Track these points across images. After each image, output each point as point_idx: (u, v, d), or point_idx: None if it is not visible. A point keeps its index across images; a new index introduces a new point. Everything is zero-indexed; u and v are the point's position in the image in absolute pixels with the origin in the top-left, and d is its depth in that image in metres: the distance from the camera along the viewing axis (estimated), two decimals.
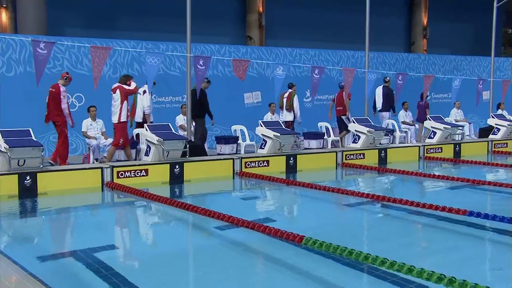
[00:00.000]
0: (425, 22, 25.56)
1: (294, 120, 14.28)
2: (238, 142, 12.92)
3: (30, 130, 9.58)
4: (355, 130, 12.86)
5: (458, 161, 12.94)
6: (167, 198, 8.39)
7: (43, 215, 8.31)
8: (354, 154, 12.27)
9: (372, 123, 13.46)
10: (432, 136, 14.02)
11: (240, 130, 13.41)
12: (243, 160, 10.83)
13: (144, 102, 12.07)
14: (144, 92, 12.07)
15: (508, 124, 15.10)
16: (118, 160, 11.24)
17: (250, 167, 10.88)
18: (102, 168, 9.50)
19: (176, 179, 10.10)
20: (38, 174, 8.94)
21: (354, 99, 14.81)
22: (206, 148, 12.33)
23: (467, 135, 17.01)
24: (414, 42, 25.67)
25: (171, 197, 9.23)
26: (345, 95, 14.28)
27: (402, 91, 15.76)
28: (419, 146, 13.36)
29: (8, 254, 5.47)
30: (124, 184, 9.32)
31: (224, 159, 10.87)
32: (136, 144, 11.50)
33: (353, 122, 13.02)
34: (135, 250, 6.32)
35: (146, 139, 10.27)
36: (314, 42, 21.38)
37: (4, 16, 17.62)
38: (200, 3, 12.85)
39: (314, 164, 11.78)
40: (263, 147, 11.58)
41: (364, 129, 12.71)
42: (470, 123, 17.79)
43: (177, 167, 10.10)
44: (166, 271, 5.39)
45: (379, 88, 15.47)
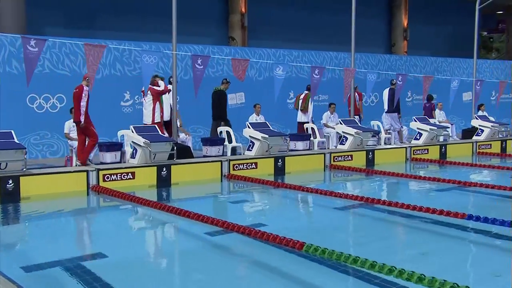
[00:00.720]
0: (405, 24, 25.65)
1: (308, 122, 14.56)
2: (225, 143, 12.70)
3: (12, 132, 9.27)
4: (342, 132, 12.76)
5: (445, 162, 12.92)
6: (155, 202, 8.16)
7: (26, 221, 7.97)
8: (342, 156, 12.16)
9: (359, 124, 13.38)
10: (418, 137, 13.98)
11: (226, 131, 13.19)
12: (231, 163, 10.64)
13: (171, 100, 12.05)
14: (169, 91, 12.13)
15: (491, 126, 15.15)
16: (102, 163, 10.95)
17: (238, 170, 10.68)
18: (87, 171, 9.23)
19: (163, 182, 9.86)
20: (21, 177, 8.63)
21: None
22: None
23: (451, 136, 17.03)
24: (395, 43, 25.75)
25: (158, 200, 9.01)
26: (357, 96, 14.69)
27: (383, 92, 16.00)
28: (405, 148, 13.31)
29: None
30: (110, 187, 9.06)
31: (212, 161, 10.66)
32: (120, 146, 11.23)
33: (340, 124, 12.91)
34: (124, 259, 6.00)
35: (132, 141, 10.01)
36: (296, 43, 21.27)
37: None
38: (182, 3, 12.63)
39: (302, 166, 11.64)
40: (250, 149, 11.40)
41: (351, 130, 12.61)
42: (452, 124, 17.84)
43: (164, 169, 9.86)
44: (157, 281, 5.19)
45: (386, 90, 15.64)
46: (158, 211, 7.83)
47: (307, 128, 14.53)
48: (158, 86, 11.26)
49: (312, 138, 14.13)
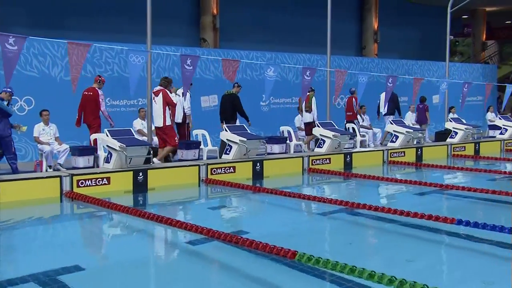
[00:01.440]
0: (375, 27, 25.73)
1: (313, 121, 14.55)
2: (200, 147, 12.41)
3: None
4: (320, 135, 12.59)
5: (422, 165, 12.87)
6: (132, 208, 7.84)
7: None
8: (320, 159, 11.99)
9: (337, 127, 13.25)
10: (394, 140, 13.93)
11: (202, 134, 12.91)
12: (209, 167, 10.36)
13: (185, 104, 12.28)
14: (182, 94, 12.20)
15: (465, 128, 15.21)
16: (74, 167, 10.55)
17: (216, 174, 10.41)
18: (60, 177, 8.83)
19: (140, 187, 9.52)
20: None
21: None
22: None
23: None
24: (365, 46, 25.80)
25: (135, 206, 8.68)
26: (354, 101, 14.83)
27: (366, 95, 15.85)
28: (383, 151, 13.23)
29: None
30: (85, 193, 8.68)
31: (189, 165, 10.36)
32: (94, 150, 10.84)
33: (317, 127, 12.75)
34: (102, 270, 5.67)
35: (107, 145, 9.65)
36: (268, 45, 21.08)
37: None
38: (153, 4, 12.31)
39: (281, 169, 11.43)
40: (228, 152, 11.14)
41: (329, 133, 12.46)
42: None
43: (140, 174, 9.53)
44: None
45: (383, 94, 15.77)
46: (136, 217, 7.51)
47: (283, 131, 14.36)
48: (171, 93, 11.44)
49: (288, 141, 13.95)
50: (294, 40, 22.53)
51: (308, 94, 14.67)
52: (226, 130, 11.28)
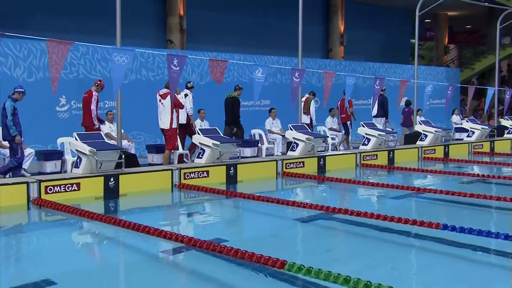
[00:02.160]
0: (342, 30, 25.76)
1: (312, 123, 15.19)
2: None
3: None
4: (293, 138, 12.41)
5: (394, 168, 12.82)
6: (104, 215, 7.50)
7: None
8: (294, 163, 11.81)
9: (310, 130, 13.09)
10: (366, 143, 13.86)
11: None
12: (182, 171, 10.04)
13: (187, 104, 12.36)
14: (186, 95, 12.46)
15: (435, 131, 15.27)
16: (40, 173, 10.11)
17: (189, 179, 10.11)
18: (27, 183, 8.39)
19: (111, 193, 9.13)
20: None
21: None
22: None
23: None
24: (332, 48, 25.80)
25: (106, 213, 8.33)
26: (347, 103, 15.35)
27: (333, 98, 15.85)
28: (356, 154, 13.13)
29: None
30: (54, 200, 8.27)
31: (162, 170, 10.02)
32: (61, 155, 10.42)
33: (290, 130, 12.57)
34: (75, 284, 5.30)
35: (76, 149, 9.25)
36: (236, 47, 20.87)
37: None
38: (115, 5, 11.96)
39: (254, 173, 11.20)
40: (200, 156, 10.84)
41: (302, 136, 12.29)
42: (393, 129, 17.94)
43: (111, 180, 9.15)
44: None
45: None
46: (108, 225, 7.17)
47: (254, 134, 14.14)
48: (178, 95, 11.64)
49: (260, 145, 13.75)
50: (262, 42, 22.35)
51: (307, 96, 15.37)
52: (199, 133, 10.98)
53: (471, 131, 16.83)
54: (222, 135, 11.45)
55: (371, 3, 27.29)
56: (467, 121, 17.42)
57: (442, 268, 5.76)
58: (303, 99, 15.14)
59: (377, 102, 15.62)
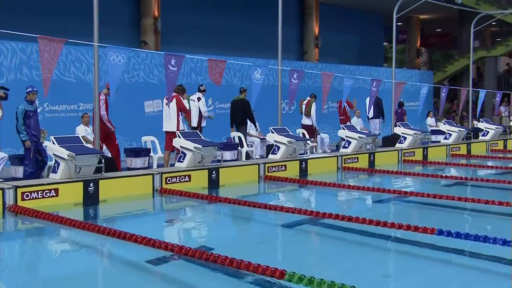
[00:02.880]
0: (316, 32, 25.70)
1: (313, 125, 15.45)
2: (150, 154, 11.76)
3: None
4: (274, 141, 12.20)
5: (376, 171, 12.72)
6: (84, 222, 7.16)
7: None
8: (276, 166, 11.60)
9: (291, 133, 12.90)
10: (347, 145, 13.74)
11: (151, 141, 12.27)
12: (163, 176, 9.74)
13: (201, 107, 12.80)
14: (198, 99, 12.85)
15: (414, 133, 15.24)
16: (15, 178, 9.69)
17: (171, 183, 9.80)
18: (3, 189, 7.99)
19: (91, 199, 8.78)
20: None
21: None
22: None
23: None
24: (307, 51, 25.72)
25: (86, 220, 7.99)
26: (346, 105, 15.89)
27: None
28: (337, 157, 12.99)
29: None
30: (31, 207, 7.89)
31: (143, 174, 9.70)
32: None
33: (271, 132, 12.36)
34: None
35: (54, 154, 8.86)
36: (211, 49, 20.60)
37: None
38: (91, 5, 11.58)
39: (237, 177, 10.95)
40: (181, 160, 10.54)
41: (284, 139, 12.09)
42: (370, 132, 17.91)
43: (91, 185, 8.80)
44: None
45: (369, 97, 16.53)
46: (89, 232, 6.85)
47: (234, 137, 13.89)
48: (185, 100, 11.80)
49: (239, 148, 13.51)
50: (237, 44, 22.12)
51: (308, 99, 15.58)
52: (179, 137, 10.69)
53: (448, 133, 16.87)
54: (203, 138, 11.18)
55: (345, 5, 27.32)
56: (444, 123, 17.48)
57: (435, 274, 5.63)
58: (305, 101, 15.57)
59: (373, 104, 16.01)
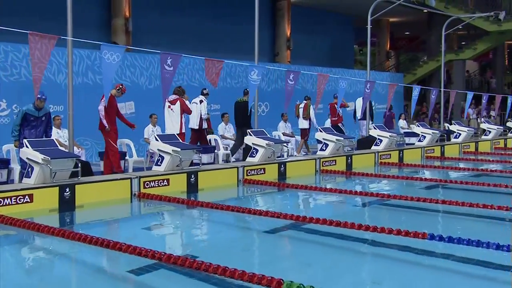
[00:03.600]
0: (288, 34, 25.63)
1: (310, 128, 15.99)
2: (126, 158, 11.44)
3: None
4: (252, 144, 12.00)
5: (355, 174, 12.63)
6: (60, 229, 6.83)
7: None
8: (254, 170, 11.40)
9: (269, 136, 12.72)
10: (324, 148, 13.63)
11: (127, 144, 11.94)
12: (142, 180, 9.44)
13: (202, 110, 13.10)
14: (201, 101, 13.16)
15: (390, 136, 15.24)
16: None
17: (149, 187, 9.52)
18: None
19: (67, 204, 8.42)
20: None
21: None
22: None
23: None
24: (278, 53, 25.63)
25: (62, 226, 7.67)
26: (337, 106, 16.27)
27: (281, 102, 15.91)
28: (315, 160, 12.86)
29: None
30: (4, 214, 7.52)
31: (120, 179, 9.37)
32: (7, 163, 9.61)
33: (249, 135, 12.15)
34: None
35: (27, 158, 8.49)
36: (183, 50, 20.23)
37: None
38: (60, 4, 11.23)
39: (215, 181, 10.71)
40: (159, 163, 10.26)
41: (262, 142, 11.91)
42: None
43: (67, 190, 8.45)
44: None
45: (359, 99, 17.16)
46: (66, 240, 6.54)
47: (210, 140, 13.66)
48: (187, 101, 12.01)
49: (216, 151, 13.29)
50: (210, 45, 21.86)
51: (305, 102, 16.00)
52: (156, 140, 10.40)
53: (423, 135, 16.94)
54: (180, 141, 10.92)
55: (316, 8, 27.32)
56: (418, 125, 17.55)
57: (429, 282, 5.52)
58: (302, 105, 16.04)
59: (361, 105, 16.34)
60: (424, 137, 16.89)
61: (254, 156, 11.94)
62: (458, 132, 18.77)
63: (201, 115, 13.11)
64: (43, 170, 8.37)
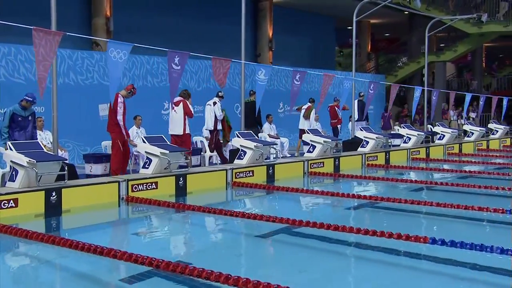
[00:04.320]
0: (270, 35, 25.47)
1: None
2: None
3: None
4: (240, 145, 11.81)
5: (343, 175, 12.51)
6: (47, 235, 6.58)
7: None
8: (243, 172, 11.20)
9: (257, 138, 12.54)
10: (311, 150, 13.49)
11: (106, 147, 11.64)
12: (130, 183, 9.18)
13: (216, 111, 13.22)
14: (214, 103, 13.33)
15: (376, 137, 15.16)
16: None
17: (137, 191, 9.26)
18: None
19: (53, 209, 8.13)
20: None
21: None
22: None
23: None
24: (260, 53, 25.47)
25: (48, 232, 7.39)
26: (337, 108, 16.90)
27: (267, 103, 16.24)
28: (303, 162, 12.71)
29: None
30: None
31: (108, 182, 9.09)
32: None
33: (237, 137, 11.96)
34: None
35: (11, 161, 8.18)
36: (165, 49, 19.99)
37: None
38: (39, 3, 10.91)
39: (204, 184, 10.48)
40: (147, 166, 10.00)
41: (250, 144, 11.72)
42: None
43: (53, 194, 8.16)
44: None
45: (355, 101, 17.57)
46: (54, 246, 6.29)
47: (196, 142, 13.43)
48: (191, 104, 11.99)
49: (202, 153, 13.07)
50: (192, 45, 21.53)
51: (309, 105, 16.45)
52: (144, 142, 10.14)
53: (408, 137, 16.91)
54: (169, 143, 10.67)
55: (298, 9, 27.22)
56: (403, 127, 17.50)
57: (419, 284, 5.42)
58: (304, 107, 16.48)
59: (357, 107, 16.83)
60: (409, 138, 16.85)
61: (242, 158, 11.75)
62: (442, 134, 18.79)
63: (215, 116, 13.24)
64: (28, 174, 8.07)
